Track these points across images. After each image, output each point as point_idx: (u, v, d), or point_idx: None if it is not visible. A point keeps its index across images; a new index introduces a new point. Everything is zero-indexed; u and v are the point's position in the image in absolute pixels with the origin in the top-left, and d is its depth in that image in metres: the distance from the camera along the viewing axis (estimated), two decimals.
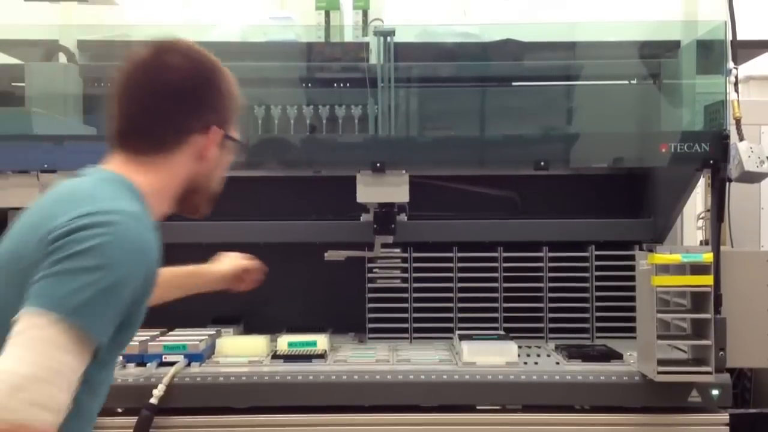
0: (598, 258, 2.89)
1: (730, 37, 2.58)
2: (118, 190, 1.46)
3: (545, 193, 3.11)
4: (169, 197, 1.57)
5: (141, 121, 1.54)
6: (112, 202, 1.40)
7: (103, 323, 1.32)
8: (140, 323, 1.50)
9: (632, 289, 2.55)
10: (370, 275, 2.93)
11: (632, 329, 2.58)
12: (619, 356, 2.56)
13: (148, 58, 1.55)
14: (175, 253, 1.81)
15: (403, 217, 2.87)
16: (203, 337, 2.57)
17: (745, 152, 2.55)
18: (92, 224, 1.33)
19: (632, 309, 2.58)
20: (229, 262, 2.24)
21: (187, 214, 1.64)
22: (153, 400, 2.25)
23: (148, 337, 2.58)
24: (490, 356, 2.49)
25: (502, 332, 2.81)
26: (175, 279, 2.07)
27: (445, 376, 2.42)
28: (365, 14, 3.00)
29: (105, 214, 1.35)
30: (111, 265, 1.32)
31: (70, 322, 1.27)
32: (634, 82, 3.05)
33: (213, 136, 1.56)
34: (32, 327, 1.26)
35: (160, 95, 1.53)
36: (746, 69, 3.32)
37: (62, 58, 2.91)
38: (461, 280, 2.91)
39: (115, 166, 1.53)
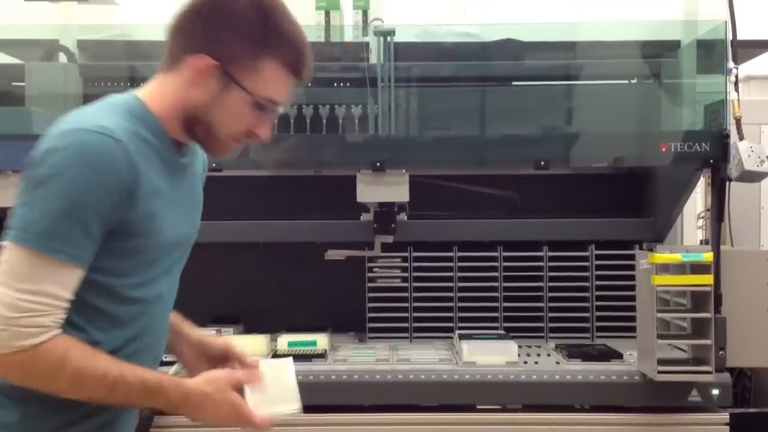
0: (598, 258, 2.89)
1: (730, 37, 2.58)
2: (102, 110, 1.47)
3: (545, 193, 3.10)
4: (173, 117, 1.50)
5: (168, 38, 1.51)
6: (79, 122, 1.40)
7: (69, 244, 1.35)
8: (160, 231, 1.47)
9: (632, 288, 2.55)
10: (370, 275, 2.93)
11: (632, 329, 2.58)
12: (619, 356, 2.55)
13: None
14: None
15: (403, 217, 2.87)
16: None
17: (745, 152, 2.55)
18: (47, 154, 1.37)
19: (632, 309, 2.58)
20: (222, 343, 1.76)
21: (203, 148, 1.59)
22: None
23: None
24: (491, 356, 2.49)
25: (502, 332, 2.81)
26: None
27: (445, 376, 2.42)
28: (365, 14, 3.00)
29: (61, 137, 1.37)
30: (67, 190, 1.35)
31: (34, 250, 1.34)
32: (635, 81, 3.05)
33: (199, 61, 1.44)
34: (5, 260, 1.35)
35: (185, 15, 1.47)
36: (746, 69, 3.32)
37: (62, 58, 2.91)
38: (461, 279, 2.91)
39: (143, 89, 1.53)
